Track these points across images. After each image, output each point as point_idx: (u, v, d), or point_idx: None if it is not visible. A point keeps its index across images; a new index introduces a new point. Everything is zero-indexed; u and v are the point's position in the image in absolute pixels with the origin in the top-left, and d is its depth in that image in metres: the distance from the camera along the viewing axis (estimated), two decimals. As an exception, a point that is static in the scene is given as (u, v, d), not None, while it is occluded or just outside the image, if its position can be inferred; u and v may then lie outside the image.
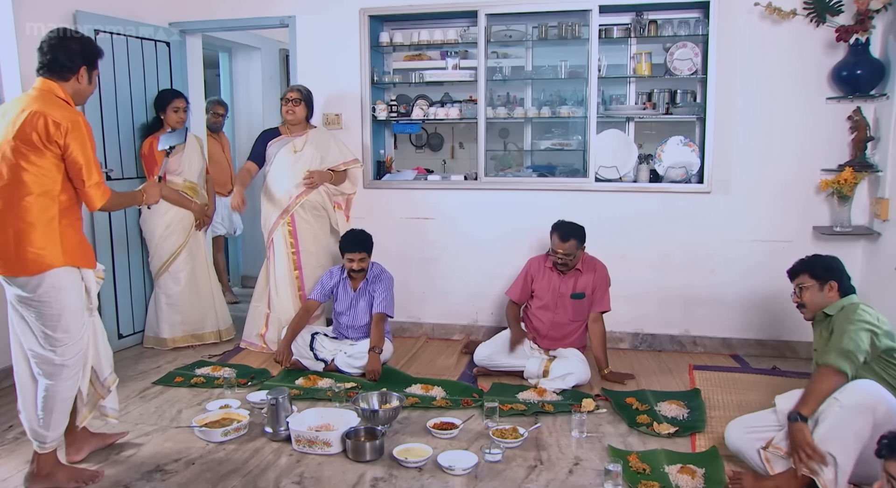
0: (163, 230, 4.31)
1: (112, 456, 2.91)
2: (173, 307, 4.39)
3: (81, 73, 2.60)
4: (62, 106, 2.53)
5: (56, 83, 2.56)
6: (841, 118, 3.99)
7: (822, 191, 4.04)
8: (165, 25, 4.70)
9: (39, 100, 2.51)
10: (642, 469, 2.71)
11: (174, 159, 4.27)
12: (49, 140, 2.45)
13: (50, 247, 2.50)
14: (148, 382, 3.82)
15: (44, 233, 2.49)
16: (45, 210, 2.49)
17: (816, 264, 2.82)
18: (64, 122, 2.45)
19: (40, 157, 2.46)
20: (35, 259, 2.48)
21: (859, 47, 3.80)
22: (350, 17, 4.52)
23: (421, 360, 4.21)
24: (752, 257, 4.23)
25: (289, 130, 4.27)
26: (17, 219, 2.47)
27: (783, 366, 4.05)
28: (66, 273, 2.54)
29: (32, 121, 2.44)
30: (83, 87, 2.63)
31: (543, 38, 4.41)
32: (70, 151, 2.48)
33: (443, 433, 3.07)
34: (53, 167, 2.49)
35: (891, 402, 2.38)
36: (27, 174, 2.46)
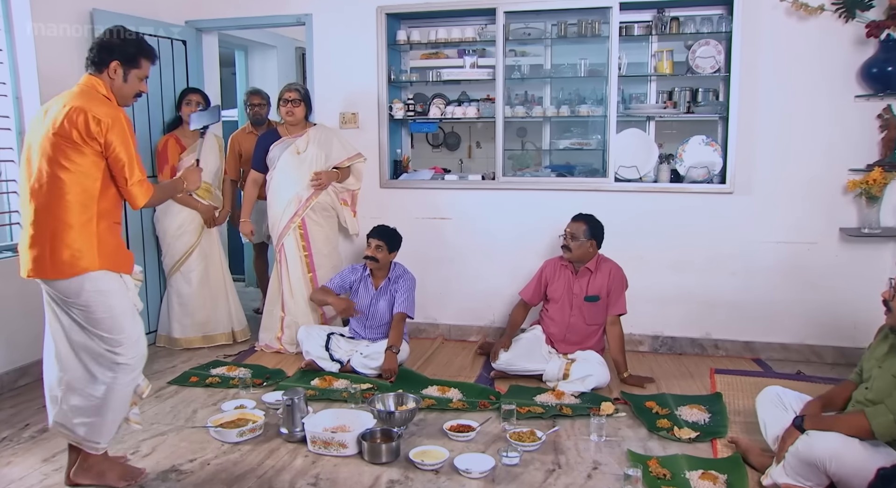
0: (175, 229, 4.31)
1: (128, 455, 2.90)
2: (185, 307, 4.38)
3: (113, 67, 2.49)
4: (103, 102, 2.45)
5: (97, 78, 2.50)
6: (870, 117, 3.90)
7: (850, 191, 3.94)
8: (182, 24, 4.71)
9: (81, 95, 2.45)
10: (662, 474, 2.65)
11: (188, 158, 4.25)
12: (89, 136, 2.37)
13: (86, 250, 2.41)
14: (163, 382, 3.81)
15: (81, 235, 2.41)
16: (83, 210, 2.41)
17: None
18: (105, 118, 2.38)
19: (80, 155, 2.39)
20: (70, 261, 2.39)
21: (891, 43, 3.71)
22: (367, 14, 4.49)
23: (437, 362, 4.17)
24: (776, 259, 4.14)
25: (288, 131, 4.22)
26: (54, 218, 2.39)
27: (807, 370, 3.96)
28: (104, 276, 2.46)
29: (72, 116, 2.37)
30: (119, 85, 2.53)
31: (563, 36, 4.35)
32: (112, 148, 2.41)
33: (459, 435, 3.03)
34: (93, 165, 2.42)
35: (847, 461, 2.31)
36: (66, 172, 2.39)
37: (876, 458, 2.32)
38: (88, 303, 2.44)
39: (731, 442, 2.93)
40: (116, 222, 2.55)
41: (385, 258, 3.96)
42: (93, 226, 2.43)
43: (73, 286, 2.41)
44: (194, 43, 4.76)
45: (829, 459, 2.34)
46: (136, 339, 2.56)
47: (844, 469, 2.33)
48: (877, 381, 2.48)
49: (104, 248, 2.46)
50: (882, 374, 2.46)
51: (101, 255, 2.44)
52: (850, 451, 2.33)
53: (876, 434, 2.31)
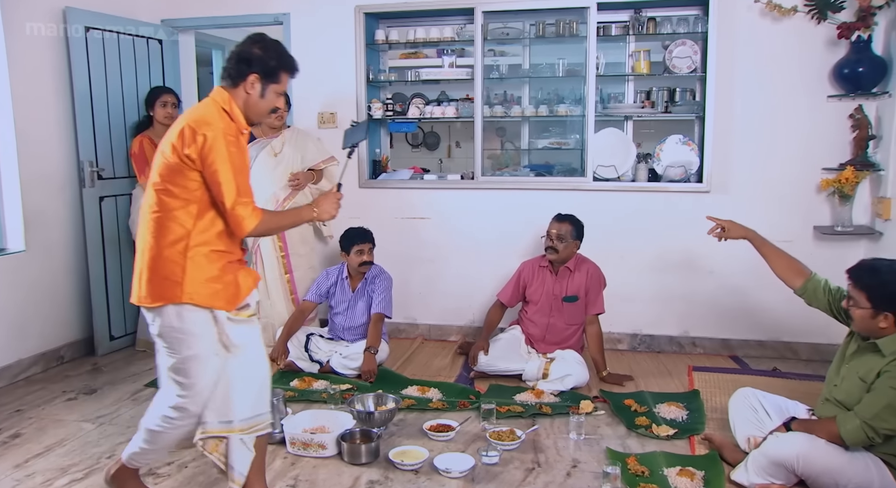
0: None
1: (103, 460, 2.86)
2: None
3: (251, 81, 2.23)
4: (218, 117, 2.20)
5: (227, 91, 2.26)
6: (842, 116, 3.96)
7: (823, 190, 4.00)
8: (158, 22, 4.65)
9: (200, 109, 2.25)
10: (641, 471, 2.67)
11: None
12: (185, 154, 2.13)
13: (171, 279, 2.16)
14: (140, 384, 3.77)
15: (167, 262, 2.16)
16: (171, 232, 2.17)
17: (884, 290, 2.36)
18: (204, 134, 2.12)
19: (179, 175, 2.16)
20: (151, 289, 2.18)
21: (861, 44, 3.76)
22: (345, 14, 4.47)
23: (417, 362, 4.17)
24: (752, 257, 4.15)
25: (263, 132, 4.19)
26: (145, 242, 2.20)
27: (783, 367, 4.01)
28: (185, 311, 2.18)
29: (176, 132, 2.17)
30: (255, 100, 2.26)
31: (541, 36, 4.37)
32: (208, 166, 2.13)
33: (439, 435, 3.03)
34: (192, 184, 2.16)
35: (814, 460, 2.36)
36: (163, 192, 2.18)
37: (843, 457, 2.36)
38: (163, 333, 2.22)
39: (706, 438, 2.96)
40: (219, 250, 2.24)
41: (371, 257, 3.96)
42: (182, 253, 2.17)
43: (150, 315, 2.23)
44: (170, 42, 4.71)
45: (796, 459, 2.37)
46: (199, 389, 2.25)
47: (812, 468, 2.37)
48: (845, 381, 2.52)
49: (194, 278, 2.17)
50: (849, 374, 2.50)
51: (187, 286, 2.16)
52: (816, 451, 2.37)
53: (846, 440, 2.34)
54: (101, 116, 4.20)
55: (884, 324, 2.37)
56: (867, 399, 2.34)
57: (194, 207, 2.18)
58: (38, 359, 4.00)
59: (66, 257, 4.17)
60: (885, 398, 2.28)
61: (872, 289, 2.37)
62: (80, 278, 4.25)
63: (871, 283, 2.38)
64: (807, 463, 2.36)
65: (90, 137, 4.14)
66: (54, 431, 3.16)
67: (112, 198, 4.30)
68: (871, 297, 2.37)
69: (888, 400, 2.27)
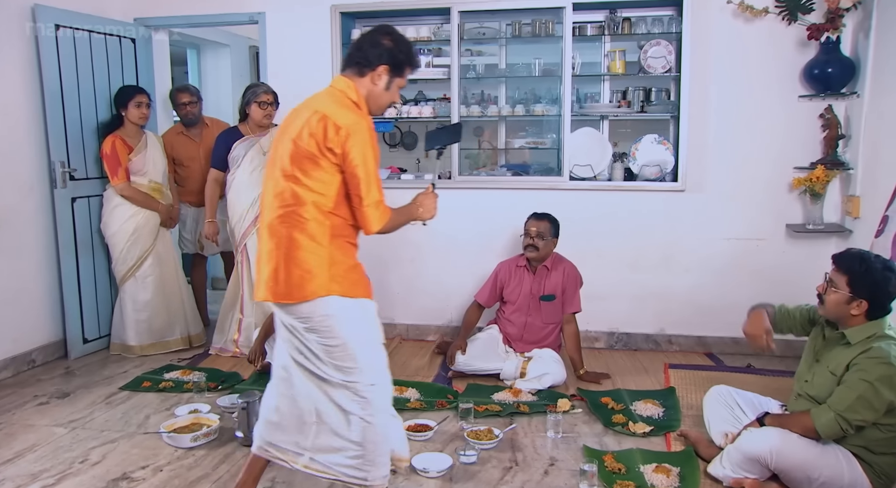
0: (130, 234, 4.18)
1: (75, 465, 2.82)
2: (141, 313, 4.26)
3: (379, 72, 2.23)
4: (350, 108, 2.20)
5: (351, 81, 2.24)
6: (813, 116, 4.02)
7: (795, 189, 4.06)
8: (130, 21, 4.59)
9: (327, 99, 2.22)
10: (618, 469, 2.69)
11: (138, 159, 4.16)
12: (326, 147, 2.12)
13: (316, 271, 2.15)
14: (114, 387, 3.72)
15: (312, 255, 2.15)
16: (315, 227, 2.16)
17: (865, 278, 2.40)
18: (346, 127, 2.11)
19: (315, 166, 2.14)
20: (300, 283, 2.14)
21: (830, 46, 3.82)
22: (321, 13, 4.45)
23: (395, 362, 4.14)
24: (727, 255, 4.24)
25: (252, 130, 4.17)
26: (286, 236, 2.16)
27: (757, 363, 4.07)
28: (336, 301, 2.17)
29: (312, 122, 2.14)
30: (379, 92, 2.26)
31: (517, 36, 4.38)
32: (349, 161, 2.12)
33: (417, 435, 3.02)
34: (329, 178, 2.15)
35: (787, 455, 2.39)
36: (300, 185, 2.15)
37: (815, 451, 2.41)
38: (319, 328, 2.18)
39: (681, 435, 3.00)
40: (351, 243, 2.27)
41: None
42: (325, 246, 2.17)
43: (303, 309, 2.17)
44: (144, 41, 4.65)
45: (769, 453, 2.41)
46: (376, 370, 2.26)
47: (785, 462, 2.41)
48: (816, 377, 2.56)
49: (337, 270, 2.18)
50: (820, 369, 2.55)
51: (332, 278, 2.17)
52: (789, 446, 2.41)
53: (821, 434, 2.38)
54: (73, 116, 4.14)
55: (856, 311, 2.43)
56: (839, 391, 2.38)
57: (332, 200, 2.17)
58: (9, 363, 3.93)
59: (37, 259, 4.10)
60: (857, 390, 2.32)
61: (856, 274, 2.41)
62: (52, 280, 4.18)
63: (855, 269, 2.42)
64: (780, 458, 2.40)
65: (62, 137, 4.07)
66: (25, 437, 3.11)
67: (85, 199, 4.23)
68: (852, 281, 2.42)
69: (859, 391, 2.32)
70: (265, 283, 2.20)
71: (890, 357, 2.32)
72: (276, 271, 2.16)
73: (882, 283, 2.40)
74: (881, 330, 2.43)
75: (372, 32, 2.28)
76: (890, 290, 2.41)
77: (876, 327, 2.43)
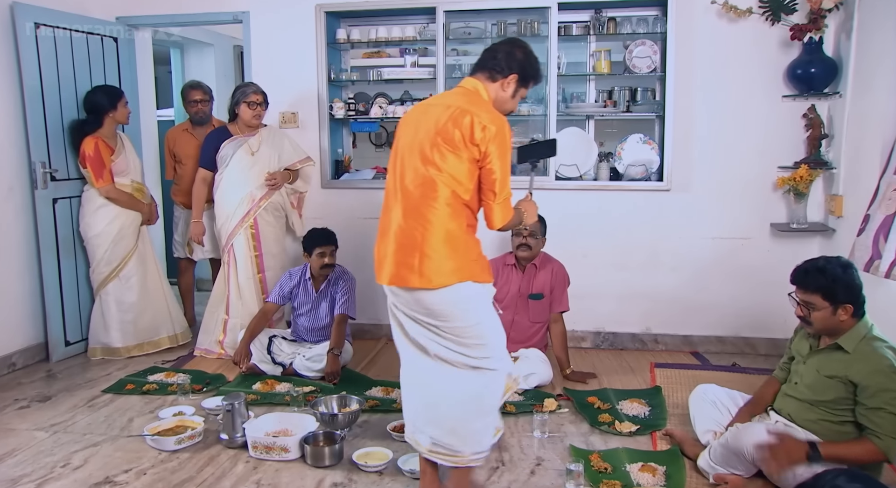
0: (115, 235, 4.12)
1: (56, 469, 2.78)
2: (126, 314, 4.20)
3: (510, 80, 2.39)
4: (489, 108, 2.32)
5: (482, 84, 2.39)
6: (797, 116, 4.04)
7: (779, 188, 4.08)
8: (112, 19, 4.54)
9: (464, 98, 2.33)
10: (604, 468, 2.69)
11: (120, 160, 4.10)
12: (472, 141, 2.22)
13: (455, 259, 2.25)
14: (97, 390, 3.68)
15: (450, 243, 2.25)
16: (452, 217, 2.26)
17: (837, 284, 2.41)
18: (491, 126, 2.22)
19: (458, 159, 2.24)
20: (438, 270, 2.23)
21: (813, 46, 3.85)
22: (306, 12, 4.43)
23: (381, 362, 4.14)
24: (712, 254, 4.26)
25: (240, 129, 4.14)
26: (425, 224, 2.25)
27: (742, 362, 4.09)
28: (469, 286, 2.28)
29: (458, 118, 2.23)
30: (505, 98, 2.42)
31: (503, 36, 4.37)
32: (489, 159, 2.24)
33: (403, 436, 3.00)
34: (468, 172, 2.26)
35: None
36: (440, 176, 2.25)
37: None
38: (455, 313, 2.27)
39: (667, 434, 3.00)
40: (475, 231, 2.38)
41: (335, 259, 3.92)
42: (462, 235, 2.28)
43: (439, 296, 2.25)
44: (126, 40, 4.61)
45: (755, 449, 2.42)
46: (502, 348, 2.40)
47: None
48: (805, 378, 2.56)
49: (470, 257, 2.30)
50: (809, 372, 2.55)
51: (468, 265, 2.28)
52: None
53: (889, 455, 2.33)
54: (55, 116, 4.08)
55: (844, 317, 2.43)
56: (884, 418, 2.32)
57: (469, 192, 2.29)
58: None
59: (17, 260, 4.04)
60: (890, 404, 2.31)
61: (827, 287, 2.42)
62: (33, 282, 4.13)
63: (822, 283, 2.43)
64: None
65: (42, 138, 4.02)
66: (4, 441, 3.06)
67: (66, 199, 4.18)
68: (827, 294, 2.42)
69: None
70: (396, 268, 2.29)
71: (892, 360, 2.35)
72: (410, 258, 2.25)
73: (851, 281, 2.43)
74: (869, 331, 2.44)
75: (507, 43, 2.46)
76: (859, 284, 2.44)
77: (864, 328, 2.44)
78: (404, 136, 2.37)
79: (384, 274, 2.33)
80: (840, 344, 2.46)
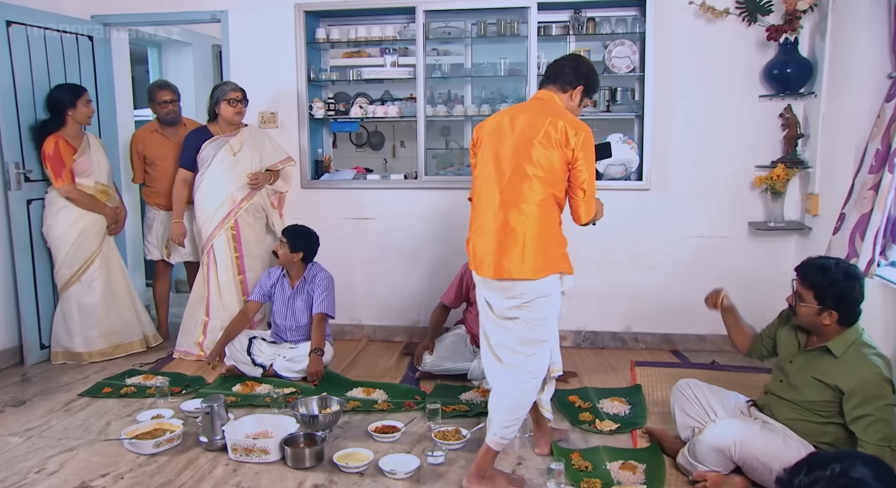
0: (76, 237, 4.02)
1: (31, 475, 2.74)
2: (88, 318, 4.10)
3: (577, 91, 2.66)
4: (572, 115, 2.59)
5: (556, 94, 2.65)
6: (773, 115, 4.09)
7: (757, 187, 4.12)
8: (87, 18, 4.47)
9: (549, 108, 2.58)
10: (585, 466, 2.70)
11: (83, 160, 4.01)
12: (567, 145, 2.48)
13: (552, 253, 2.51)
14: (73, 394, 3.62)
15: (548, 238, 2.51)
16: (550, 214, 2.52)
17: (830, 289, 2.43)
18: (581, 132, 2.49)
19: (554, 162, 2.49)
20: (536, 262, 2.47)
21: (789, 46, 3.89)
22: (285, 12, 4.40)
23: (362, 363, 4.13)
24: (691, 253, 4.29)
25: (222, 129, 4.11)
26: (528, 221, 2.48)
27: (722, 359, 4.12)
28: (554, 281, 2.52)
29: (554, 124, 2.48)
30: (573, 107, 2.68)
31: (482, 36, 4.38)
32: (580, 159, 2.50)
33: (384, 436, 3.00)
34: (562, 173, 2.51)
35: (750, 446, 2.43)
36: (540, 178, 2.49)
37: (776, 443, 2.45)
38: (540, 304, 2.51)
39: (646, 432, 3.02)
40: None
41: (286, 256, 3.86)
42: (556, 231, 2.55)
43: (533, 287, 2.48)
44: (102, 39, 4.54)
45: (733, 444, 2.45)
46: (551, 348, 2.64)
47: (747, 454, 2.44)
48: (791, 377, 2.58)
49: (562, 250, 2.56)
50: (795, 371, 2.57)
51: (560, 259, 2.53)
52: (751, 437, 2.45)
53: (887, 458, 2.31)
54: (28, 116, 4.02)
55: (827, 321, 2.45)
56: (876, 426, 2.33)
57: (562, 192, 2.55)
58: (-38, 370, 3.81)
59: (-9, 263, 3.98)
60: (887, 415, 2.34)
61: (820, 288, 2.44)
62: (7, 285, 4.06)
63: (818, 282, 2.44)
64: (743, 449, 2.44)
65: (15, 138, 3.96)
66: (-22, 446, 3.01)
67: (40, 201, 4.10)
68: (818, 295, 2.45)
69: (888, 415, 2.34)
70: (497, 262, 2.49)
71: (880, 368, 2.37)
72: (512, 253, 2.47)
73: (847, 292, 2.42)
74: (859, 337, 2.46)
75: (572, 58, 2.74)
76: (855, 297, 2.43)
77: (854, 334, 2.46)
78: (496, 143, 2.58)
79: (485, 268, 2.54)
80: (829, 347, 2.47)
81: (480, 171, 2.61)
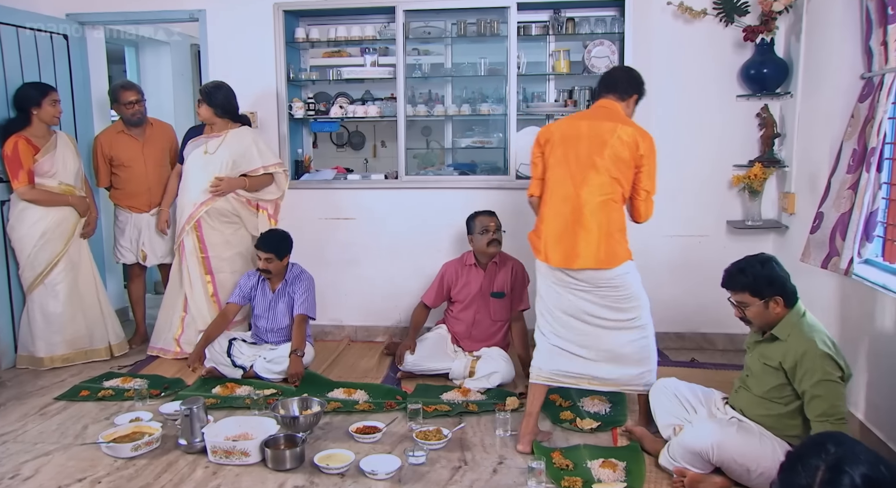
0: (37, 239, 3.90)
1: (5, 480, 2.70)
2: (51, 324, 3.98)
3: (632, 100, 3.01)
4: (636, 124, 2.92)
5: (617, 103, 2.96)
6: (751, 115, 4.13)
7: (735, 186, 4.16)
8: (62, 16, 4.41)
9: (615, 116, 2.91)
10: (565, 465, 2.71)
11: (46, 160, 3.90)
12: (637, 150, 2.82)
13: (624, 243, 2.89)
14: (49, 398, 3.57)
15: (620, 232, 2.87)
16: (619, 211, 2.88)
17: (758, 280, 2.55)
18: (646, 141, 2.85)
19: (625, 165, 2.82)
20: (615, 253, 2.83)
21: (765, 47, 3.93)
22: (264, 11, 4.37)
23: (343, 364, 4.11)
24: (671, 252, 4.32)
25: (211, 130, 4.08)
26: (607, 218, 2.82)
27: (701, 357, 4.16)
28: (630, 264, 2.91)
29: (624, 133, 2.82)
30: (629, 114, 3.00)
31: (462, 35, 4.38)
32: (646, 163, 2.85)
33: (366, 437, 3.00)
34: (631, 176, 2.86)
35: (727, 449, 2.47)
36: (614, 180, 2.83)
37: (753, 444, 2.49)
38: (624, 284, 2.87)
39: (626, 431, 3.04)
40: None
41: (277, 267, 3.84)
42: (623, 225, 2.90)
43: (614, 273, 2.84)
44: (77, 38, 4.48)
45: (710, 447, 2.48)
46: (647, 307, 2.98)
47: (725, 455, 2.47)
48: (751, 368, 2.68)
49: (627, 242, 2.91)
50: (754, 362, 2.66)
51: (627, 248, 2.90)
52: (729, 439, 2.49)
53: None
54: (2, 116, 3.95)
55: (777, 309, 2.55)
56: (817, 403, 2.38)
57: (629, 192, 2.91)
58: (-65, 374, 3.74)
59: (-36, 265, 3.91)
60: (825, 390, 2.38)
61: (750, 284, 2.56)
62: (-19, 287, 4.00)
63: (746, 281, 2.57)
64: (721, 451, 2.47)
65: (-10, 138, 3.90)
66: (-48, 451, 2.96)
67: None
68: (754, 291, 2.56)
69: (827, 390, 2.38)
70: (582, 255, 2.83)
71: (817, 344, 2.43)
72: (596, 245, 2.81)
73: (772, 273, 2.56)
74: (800, 319, 2.54)
75: (624, 70, 3.12)
76: (781, 274, 2.57)
77: (795, 316, 2.55)
78: (569, 147, 2.88)
79: (575, 260, 2.84)
80: (775, 333, 2.56)
81: (554, 176, 2.91)
